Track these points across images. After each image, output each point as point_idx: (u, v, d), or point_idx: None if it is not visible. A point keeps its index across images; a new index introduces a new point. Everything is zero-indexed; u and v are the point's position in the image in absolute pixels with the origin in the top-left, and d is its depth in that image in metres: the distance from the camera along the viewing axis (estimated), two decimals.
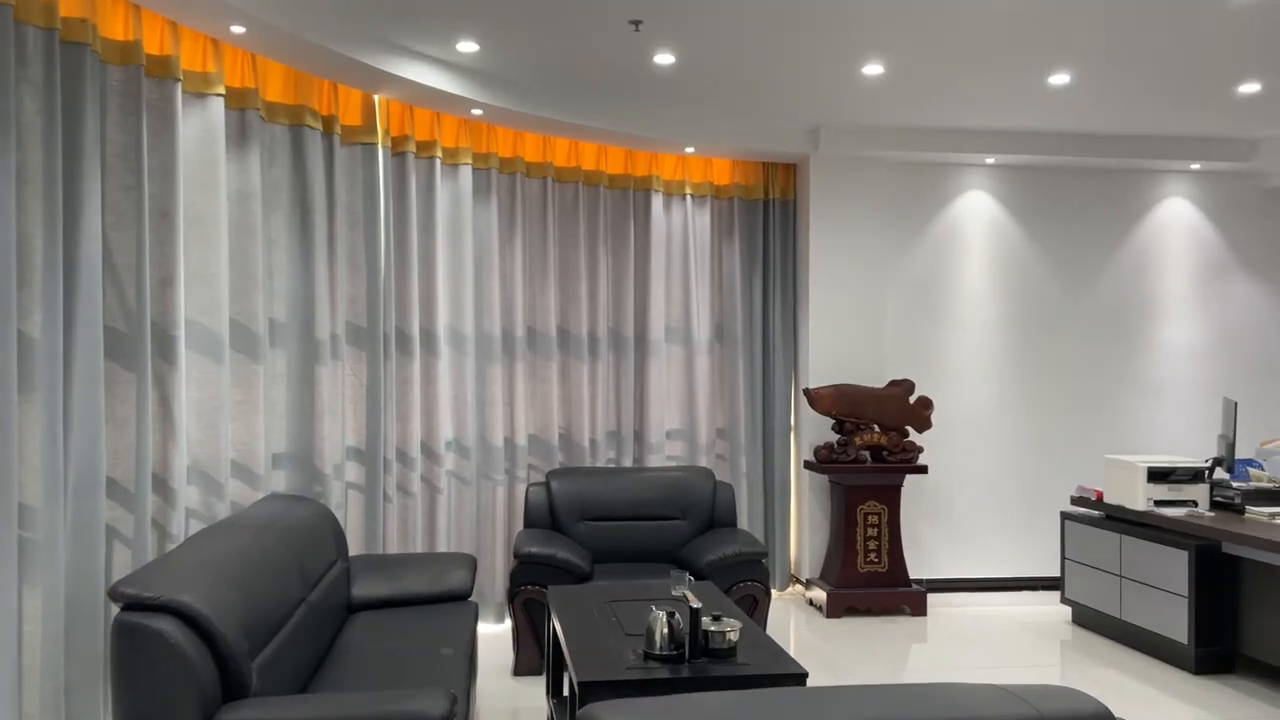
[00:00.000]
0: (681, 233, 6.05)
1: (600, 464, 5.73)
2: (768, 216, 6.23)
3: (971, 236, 6.34)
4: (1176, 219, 6.51)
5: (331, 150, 4.56)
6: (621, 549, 4.96)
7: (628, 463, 5.87)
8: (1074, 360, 6.42)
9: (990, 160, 6.19)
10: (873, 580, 5.70)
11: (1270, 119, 5.67)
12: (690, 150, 5.89)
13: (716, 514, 5.08)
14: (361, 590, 3.96)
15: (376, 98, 4.78)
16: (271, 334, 4.31)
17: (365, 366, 4.73)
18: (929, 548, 6.29)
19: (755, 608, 4.58)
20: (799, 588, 6.19)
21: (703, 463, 6.00)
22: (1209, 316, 6.55)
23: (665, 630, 2.96)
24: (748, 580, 4.57)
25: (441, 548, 5.13)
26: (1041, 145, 6.04)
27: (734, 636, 2.99)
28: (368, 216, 4.71)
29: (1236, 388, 6.53)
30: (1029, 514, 6.37)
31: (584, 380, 5.70)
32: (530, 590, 4.42)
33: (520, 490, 5.46)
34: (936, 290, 6.32)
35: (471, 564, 4.26)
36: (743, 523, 6.07)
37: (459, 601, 4.01)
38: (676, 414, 6.05)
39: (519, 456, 5.49)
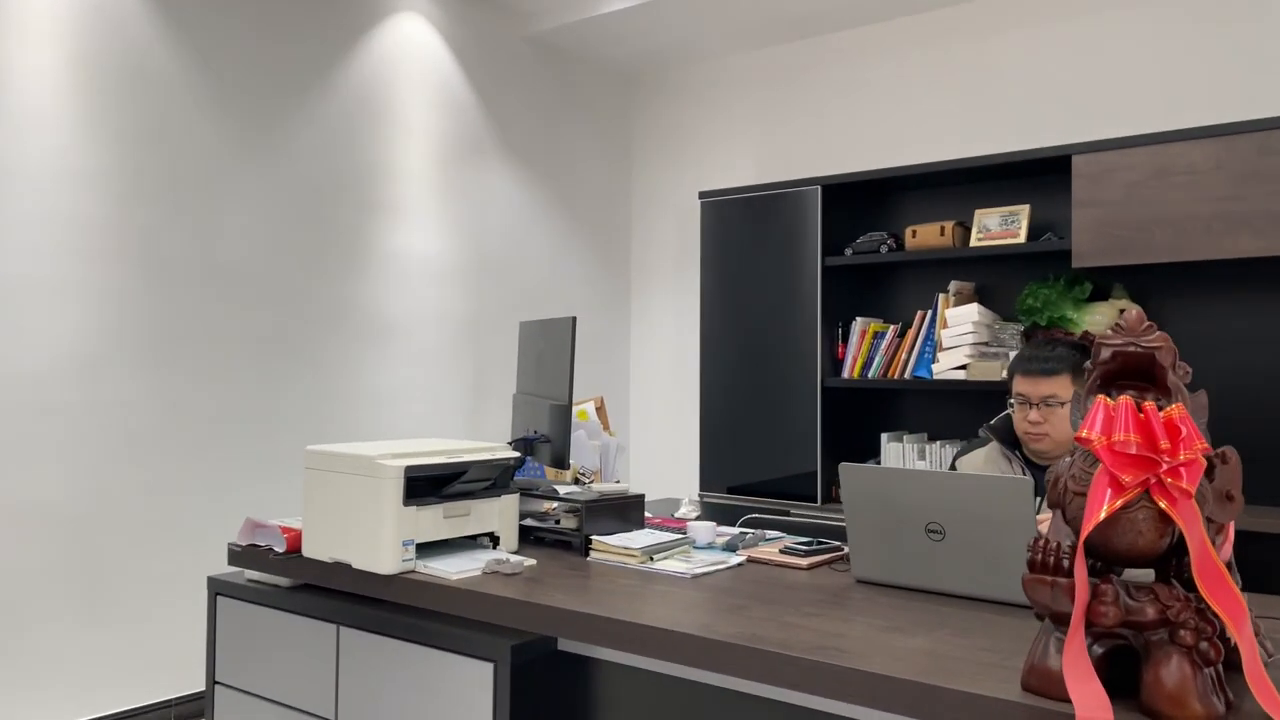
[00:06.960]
0: None
1: None
2: None
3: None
4: (415, 55, 4.00)
5: None
6: None
7: None
8: (259, 279, 3.41)
9: None
10: None
11: None
12: None
13: None
14: None
15: None
16: None
17: None
18: None
19: None
20: None
21: None
22: (462, 219, 4.20)
23: None
24: None
25: None
26: None
27: None
28: None
29: (502, 327, 4.31)
30: (163, 585, 3.14)
31: None
32: None
33: None
34: None
35: None
36: None
37: None
38: None
39: None
